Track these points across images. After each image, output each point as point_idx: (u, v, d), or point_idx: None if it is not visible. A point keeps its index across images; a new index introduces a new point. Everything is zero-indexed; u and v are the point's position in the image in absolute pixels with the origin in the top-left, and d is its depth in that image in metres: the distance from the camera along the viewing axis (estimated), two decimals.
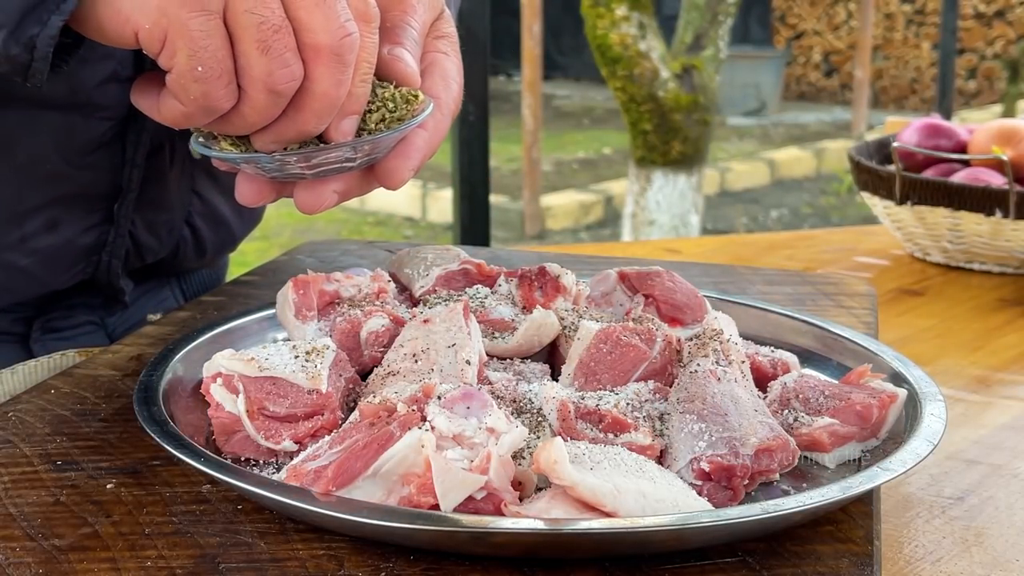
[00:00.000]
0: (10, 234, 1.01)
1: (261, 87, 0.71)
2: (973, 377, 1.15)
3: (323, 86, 0.73)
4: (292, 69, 0.71)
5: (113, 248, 1.09)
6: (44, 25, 0.70)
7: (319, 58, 0.72)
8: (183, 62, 0.70)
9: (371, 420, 0.71)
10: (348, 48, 0.72)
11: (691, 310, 0.93)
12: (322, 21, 0.71)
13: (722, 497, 0.73)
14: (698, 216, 4.94)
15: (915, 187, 1.57)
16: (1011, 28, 10.25)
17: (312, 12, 0.71)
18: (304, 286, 0.93)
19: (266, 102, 0.72)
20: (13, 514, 0.70)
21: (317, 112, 0.74)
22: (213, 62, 0.70)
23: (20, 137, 0.98)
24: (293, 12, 0.71)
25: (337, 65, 0.72)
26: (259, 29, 0.70)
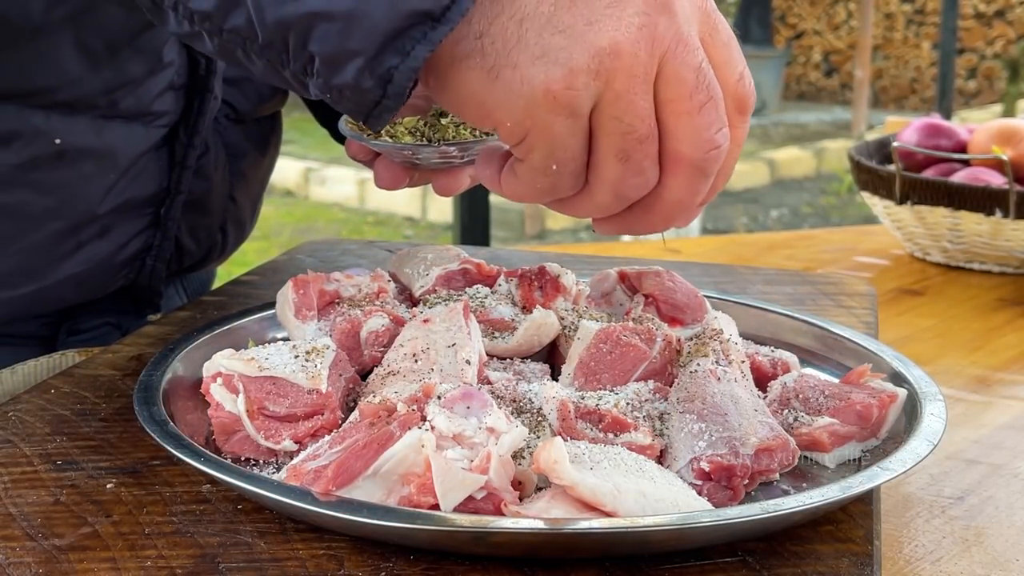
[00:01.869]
0: (67, 243, 1.02)
1: (609, 189, 0.67)
2: (973, 377, 1.15)
3: (677, 195, 0.68)
4: (647, 178, 0.67)
5: (159, 252, 1.10)
6: (407, 56, 0.61)
7: (678, 168, 0.67)
8: (539, 159, 0.66)
9: (371, 420, 0.71)
10: (713, 161, 0.67)
11: (691, 310, 0.93)
12: (690, 132, 0.65)
13: (722, 497, 0.73)
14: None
15: (915, 187, 1.57)
16: (1011, 28, 10.25)
17: (681, 120, 0.65)
18: (304, 286, 0.93)
19: (609, 201, 0.68)
20: (13, 514, 0.70)
21: (666, 216, 0.69)
22: (569, 161, 0.66)
23: (88, 147, 0.99)
24: (662, 116, 0.65)
25: (697, 177, 0.67)
26: (623, 138, 0.64)
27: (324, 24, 0.61)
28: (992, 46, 10.35)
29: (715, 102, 0.66)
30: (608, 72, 0.62)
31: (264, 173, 1.26)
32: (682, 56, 0.64)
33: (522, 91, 0.63)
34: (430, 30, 0.61)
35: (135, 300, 1.14)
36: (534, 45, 0.62)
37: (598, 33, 0.62)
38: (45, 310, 1.07)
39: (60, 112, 0.96)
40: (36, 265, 1.01)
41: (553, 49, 0.62)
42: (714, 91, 0.66)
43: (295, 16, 0.62)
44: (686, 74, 0.64)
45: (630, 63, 0.62)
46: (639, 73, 0.63)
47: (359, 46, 0.62)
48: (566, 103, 0.63)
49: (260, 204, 1.30)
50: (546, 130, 0.64)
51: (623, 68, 0.62)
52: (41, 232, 1.00)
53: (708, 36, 0.67)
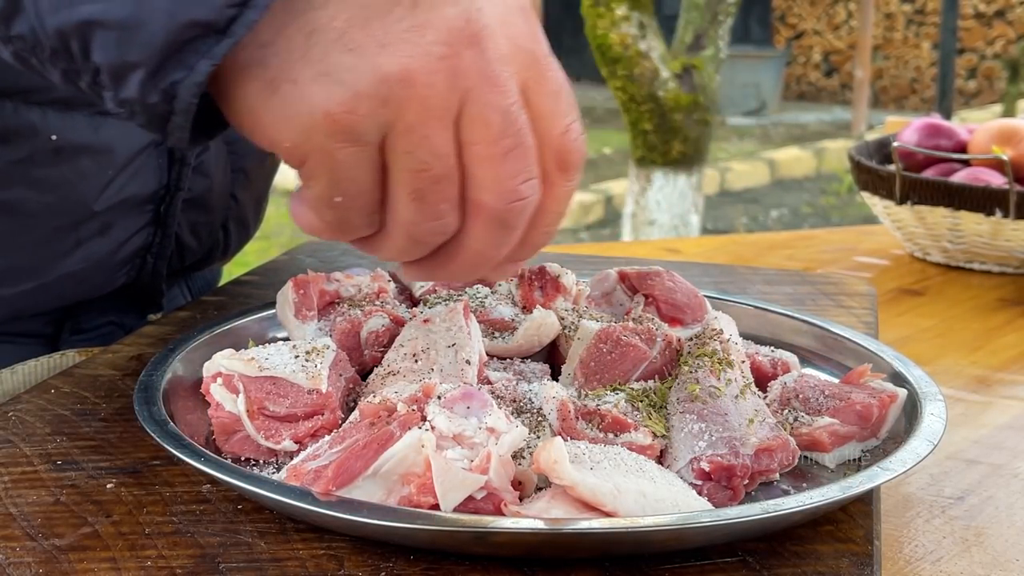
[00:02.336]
0: (67, 240, 1.02)
1: (403, 231, 0.62)
2: (973, 377, 1.15)
3: (478, 244, 0.63)
4: (445, 223, 0.62)
5: (160, 250, 1.10)
6: (190, 71, 0.57)
7: (479, 216, 0.62)
8: (322, 189, 0.61)
9: (371, 420, 0.71)
10: (516, 213, 0.62)
11: (691, 310, 0.93)
12: (492, 179, 0.60)
13: (722, 497, 0.73)
14: (698, 216, 4.94)
15: (915, 187, 1.57)
16: (1011, 28, 10.25)
17: (483, 165, 0.60)
18: (304, 286, 0.93)
19: (404, 245, 0.63)
20: (13, 514, 0.70)
21: (470, 266, 0.65)
22: (356, 194, 0.61)
23: (85, 143, 0.99)
24: (465, 159, 0.60)
25: (498, 228, 0.62)
26: (416, 175, 0.60)
27: (101, 33, 0.57)
28: (992, 46, 10.35)
29: (523, 150, 0.60)
30: (398, 101, 0.57)
31: (267, 172, 1.26)
32: (488, 96, 0.59)
33: (300, 109, 0.58)
34: (214, 43, 0.56)
35: (137, 299, 1.14)
36: (319, 61, 0.57)
37: (390, 57, 0.57)
38: (46, 308, 1.07)
39: (56, 109, 0.96)
40: (36, 262, 1.01)
41: (339, 68, 0.57)
42: (523, 138, 0.60)
43: (71, 24, 0.58)
44: (491, 116, 0.59)
45: (424, 94, 0.58)
46: (434, 107, 0.58)
47: (138, 58, 0.57)
48: (347, 128, 0.58)
49: (265, 203, 1.30)
50: (327, 157, 0.59)
51: (415, 99, 0.58)
52: (40, 229, 1.00)
53: (533, 82, 0.61)
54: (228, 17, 0.56)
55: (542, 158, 0.62)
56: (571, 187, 0.64)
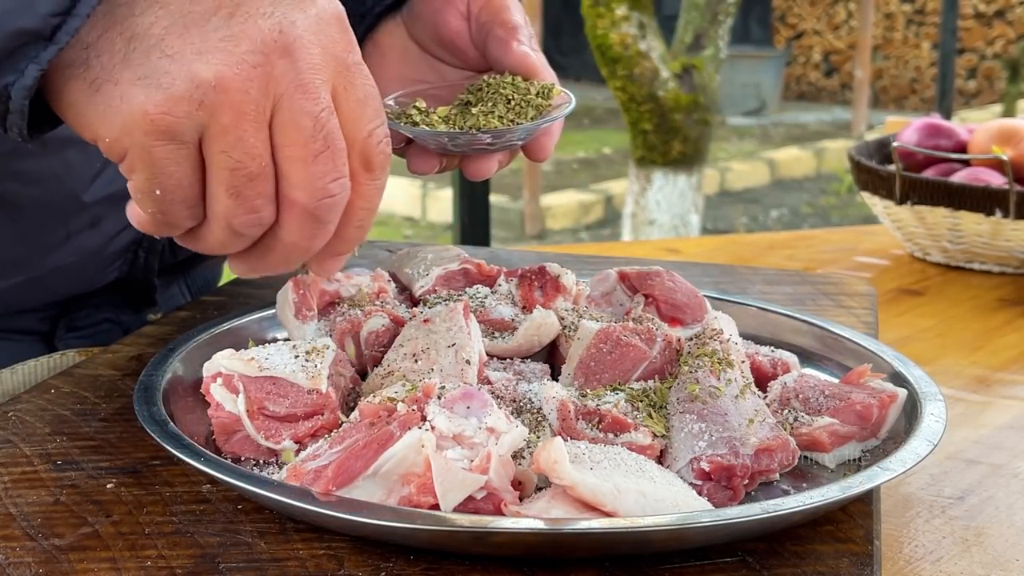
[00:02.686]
0: (56, 233, 1.02)
1: (222, 224, 0.67)
2: (973, 377, 1.15)
3: (292, 237, 0.68)
4: (260, 216, 0.67)
5: (151, 244, 1.10)
6: (21, 74, 0.61)
7: (292, 212, 0.67)
8: (142, 182, 0.65)
9: (371, 420, 0.71)
10: (327, 209, 0.67)
11: (691, 310, 0.93)
12: (304, 178, 0.65)
13: (722, 497, 0.73)
14: (698, 216, 4.94)
15: (915, 187, 1.57)
16: (1011, 28, 10.25)
17: (295, 165, 0.65)
18: (304, 286, 0.93)
19: (224, 237, 0.68)
20: (13, 514, 0.70)
21: (284, 257, 0.70)
22: (176, 189, 0.65)
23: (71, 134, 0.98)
24: (278, 160, 0.65)
25: (311, 222, 0.67)
26: (232, 174, 0.64)
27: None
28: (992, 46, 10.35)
29: (332, 152, 0.65)
30: (212, 105, 0.62)
31: None
32: (300, 102, 0.64)
33: (120, 108, 0.62)
34: (41, 50, 0.61)
35: (132, 295, 1.14)
36: (139, 65, 0.62)
37: (205, 64, 0.62)
38: (38, 302, 1.07)
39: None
40: (26, 256, 1.01)
41: (157, 72, 0.62)
42: (332, 141, 0.65)
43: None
44: (303, 121, 0.64)
45: (238, 99, 0.62)
46: (248, 111, 0.63)
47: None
48: (164, 128, 0.62)
49: None
50: (145, 153, 0.63)
51: (229, 103, 0.62)
52: (28, 222, 1.00)
53: (342, 88, 0.66)
54: (52, 25, 0.60)
55: (350, 159, 0.67)
56: (377, 185, 0.69)
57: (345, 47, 0.67)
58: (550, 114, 0.89)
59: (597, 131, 9.11)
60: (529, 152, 0.91)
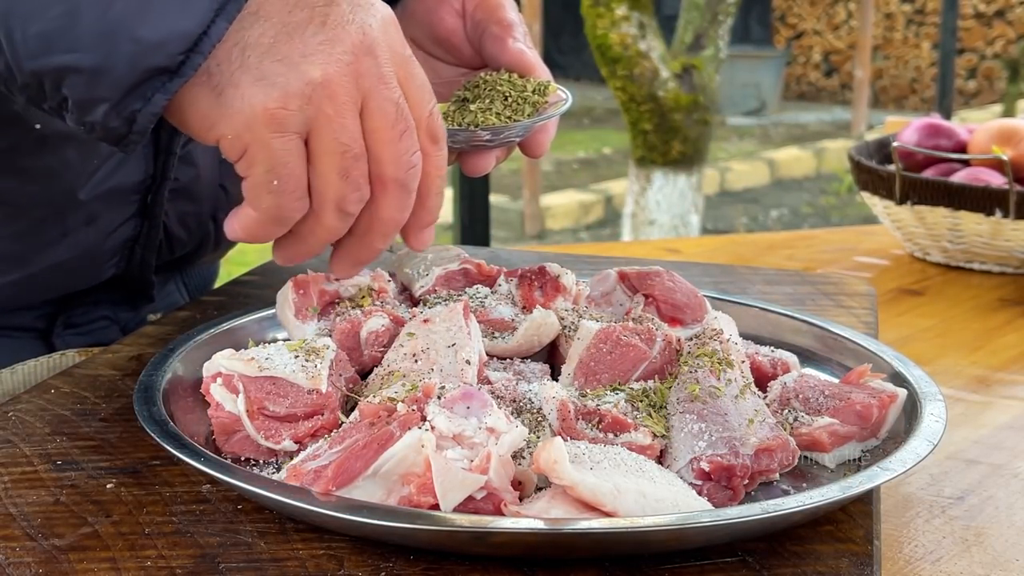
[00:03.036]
0: (53, 229, 1.03)
1: (332, 207, 0.75)
2: (973, 377, 1.15)
3: (388, 212, 0.77)
4: (363, 193, 0.76)
5: (147, 241, 1.10)
6: (147, 102, 0.71)
7: (385, 188, 0.76)
8: (260, 174, 0.73)
9: (371, 420, 0.71)
10: (413, 178, 0.77)
11: (691, 310, 0.93)
12: (392, 155, 0.75)
13: (722, 497, 0.73)
14: (698, 216, 4.94)
15: (915, 187, 1.57)
16: (1011, 28, 10.25)
17: (385, 146, 0.75)
18: (304, 286, 0.93)
19: (334, 220, 0.76)
20: (13, 514, 0.70)
21: (383, 233, 0.79)
22: (289, 178, 0.73)
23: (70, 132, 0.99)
24: (369, 143, 0.75)
25: (402, 193, 0.77)
26: (341, 157, 0.73)
27: (73, 76, 0.70)
28: (992, 46, 10.35)
29: (411, 131, 0.76)
30: (319, 99, 0.72)
31: None
32: (384, 92, 0.74)
33: (242, 107, 0.71)
34: (168, 81, 0.70)
35: (129, 292, 1.14)
36: (255, 69, 0.71)
37: (311, 64, 0.72)
38: (35, 299, 1.07)
39: None
40: (22, 252, 1.02)
41: (272, 74, 0.71)
42: (410, 122, 0.76)
43: (48, 68, 0.70)
44: (387, 107, 0.74)
45: (338, 92, 0.72)
46: (346, 101, 0.73)
47: (105, 95, 0.70)
48: (281, 120, 0.71)
49: None
50: (264, 145, 0.72)
51: (332, 96, 0.72)
52: (26, 219, 1.01)
53: (405, 78, 0.76)
54: (179, 62, 0.70)
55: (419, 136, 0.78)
56: (443, 155, 0.80)
57: (403, 43, 0.77)
58: (547, 111, 0.91)
59: (597, 131, 9.10)
60: (526, 148, 0.94)
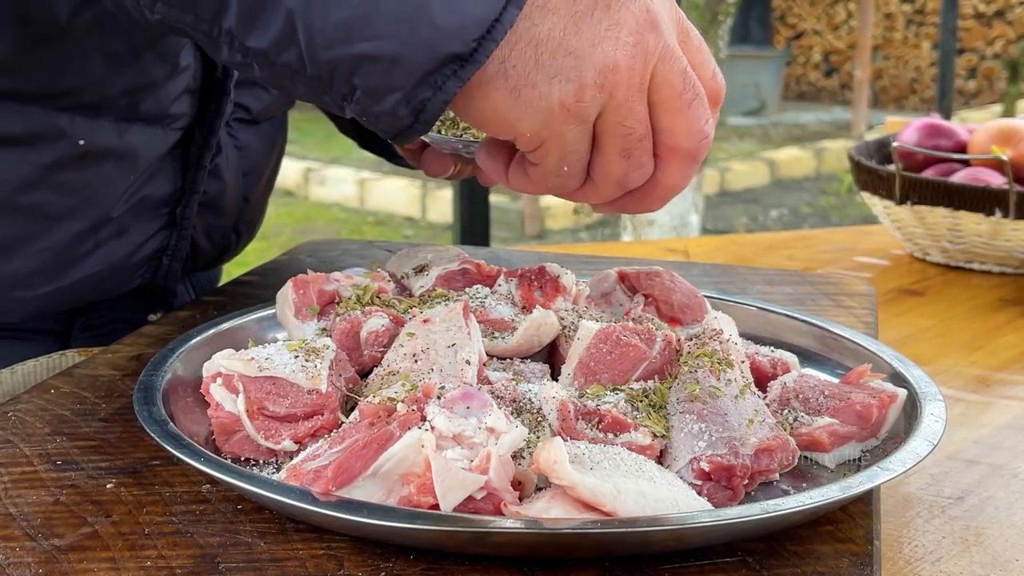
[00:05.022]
0: (86, 243, 1.03)
1: (613, 183, 0.76)
2: (973, 377, 1.15)
3: (673, 180, 0.77)
4: (645, 170, 0.76)
5: (175, 252, 1.12)
6: (438, 90, 0.70)
7: (674, 158, 0.76)
8: (552, 163, 0.74)
9: (371, 420, 0.71)
10: (704, 148, 0.76)
11: (691, 310, 0.93)
12: (685, 126, 0.74)
13: (722, 497, 0.73)
14: (698, 216, 4.94)
15: (915, 187, 1.57)
16: (1011, 28, 10.25)
17: (676, 118, 0.74)
18: (304, 286, 0.93)
19: (612, 192, 0.77)
20: (13, 514, 0.70)
21: (662, 198, 0.79)
22: (578, 163, 0.74)
23: (111, 148, 1.01)
24: (657, 115, 0.74)
25: (690, 163, 0.77)
26: (626, 139, 0.73)
27: (370, 64, 0.69)
28: (992, 46, 10.35)
29: (700, 99, 0.75)
30: (611, 85, 0.71)
31: (272, 173, 1.28)
32: (670, 64, 0.73)
33: (541, 106, 0.71)
34: (460, 68, 0.69)
35: (149, 298, 1.16)
36: (549, 66, 0.70)
37: (601, 53, 0.70)
38: (63, 309, 1.08)
39: (84, 114, 0.98)
40: (55, 265, 1.03)
41: (565, 69, 0.70)
42: (699, 90, 0.74)
43: (344, 57, 0.69)
44: (674, 79, 0.73)
45: (628, 76, 0.71)
46: (636, 83, 0.71)
47: (399, 83, 0.69)
48: (578, 114, 0.71)
49: (267, 203, 1.31)
50: (560, 138, 0.72)
51: (623, 80, 0.71)
52: (61, 233, 1.01)
53: (684, 43, 0.75)
54: (472, 48, 0.69)
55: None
56: (716, 119, 0.78)
57: (677, 10, 0.76)
58: None
59: None
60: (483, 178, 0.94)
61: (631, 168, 0.75)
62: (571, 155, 0.73)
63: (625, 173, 0.75)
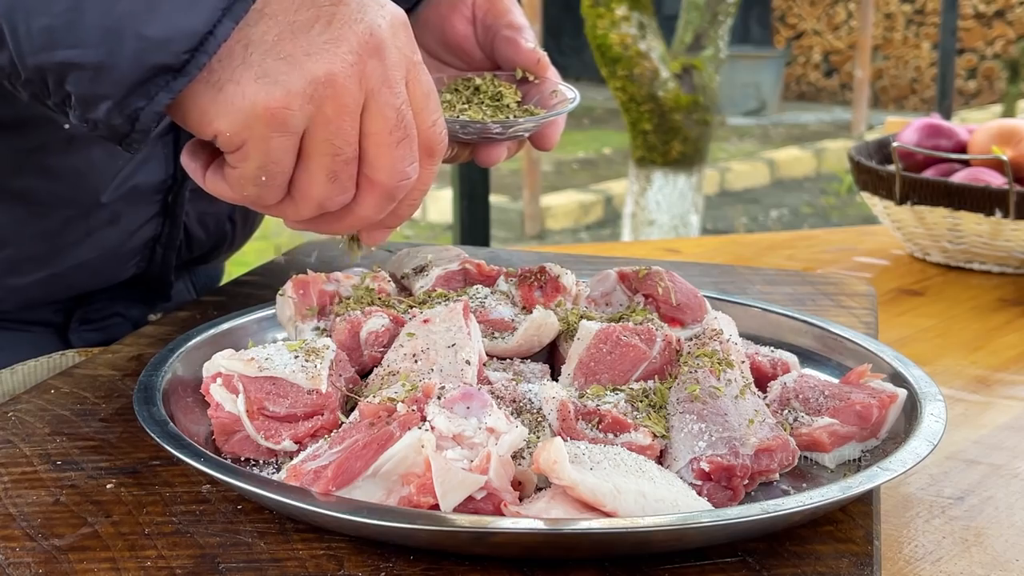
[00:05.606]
0: (77, 229, 1.03)
1: (314, 203, 0.75)
2: (973, 377, 1.15)
3: (366, 212, 0.77)
4: (347, 195, 0.75)
5: (169, 240, 1.12)
6: (151, 100, 0.69)
7: (372, 191, 0.75)
8: (251, 169, 0.72)
9: (371, 420, 0.71)
10: (402, 189, 0.76)
11: (691, 310, 0.93)
12: (388, 162, 0.74)
13: (722, 497, 0.73)
14: (698, 216, 4.94)
15: (915, 187, 1.57)
16: (1011, 28, 10.25)
17: (381, 151, 0.73)
18: (304, 286, 0.93)
19: (311, 213, 0.76)
20: (13, 514, 0.70)
21: (351, 226, 0.78)
22: (279, 175, 0.73)
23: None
24: (365, 146, 0.73)
25: (386, 200, 0.76)
26: (332, 159, 0.72)
27: (76, 72, 0.68)
28: (992, 46, 10.35)
29: (410, 140, 0.74)
30: (321, 98, 0.70)
31: None
32: (386, 96, 0.72)
33: (243, 105, 0.69)
34: (172, 80, 0.68)
35: (147, 290, 1.16)
36: (257, 67, 0.69)
37: (316, 63, 0.70)
38: (58, 297, 1.09)
39: None
40: (47, 252, 1.03)
41: (274, 72, 0.69)
42: (410, 130, 0.74)
43: (50, 63, 0.69)
44: (389, 112, 0.73)
45: (341, 93, 0.70)
46: (349, 103, 0.71)
47: (108, 92, 0.69)
48: (282, 120, 0.70)
49: None
50: (262, 143, 0.71)
51: (334, 96, 0.70)
52: (51, 219, 1.01)
53: (411, 83, 0.75)
54: (184, 60, 0.68)
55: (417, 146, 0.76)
56: (434, 170, 0.78)
57: (412, 47, 0.75)
58: (556, 108, 0.95)
59: (597, 131, 9.10)
60: (536, 142, 0.96)
61: (334, 191, 0.74)
62: (272, 165, 0.72)
63: (327, 196, 0.74)
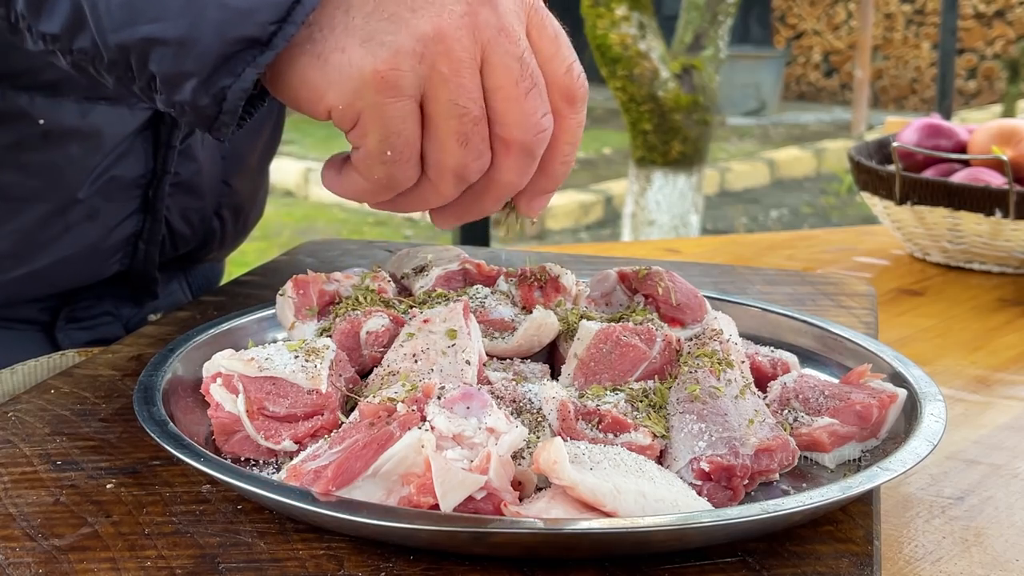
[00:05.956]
0: (55, 225, 1.03)
1: (451, 176, 0.71)
2: (973, 377, 1.15)
3: (508, 176, 0.72)
4: (484, 161, 0.71)
5: (150, 236, 1.10)
6: (238, 77, 0.66)
7: (508, 151, 0.71)
8: (373, 145, 0.69)
9: (371, 420, 0.71)
10: (540, 143, 0.71)
11: (691, 310, 0.93)
12: (518, 116, 0.70)
13: (722, 497, 0.73)
14: (698, 216, 4.94)
15: (915, 187, 1.57)
16: (1011, 28, 10.25)
17: (510, 105, 0.69)
18: (304, 286, 0.93)
19: (451, 188, 0.72)
20: (13, 514, 0.70)
21: (498, 198, 0.75)
22: (404, 147, 0.69)
23: (73, 128, 1.00)
24: (491, 102, 0.69)
25: (525, 159, 0.72)
26: (460, 120, 0.68)
27: (160, 48, 0.66)
28: (992, 46, 10.35)
29: (539, 89, 0.70)
30: (433, 55, 0.66)
31: (260, 158, 1.25)
32: (505, 46, 0.68)
33: (351, 72, 0.66)
34: (259, 54, 0.65)
35: (133, 288, 1.15)
36: (361, 30, 0.66)
37: (421, 19, 0.66)
38: (40, 294, 1.08)
39: (44, 93, 0.97)
40: (25, 248, 1.02)
41: (379, 33, 0.66)
42: (537, 79, 0.70)
43: (132, 40, 0.66)
44: (510, 63, 0.68)
45: (453, 47, 0.66)
46: (463, 57, 0.67)
47: (193, 68, 0.66)
48: (393, 82, 0.66)
49: (262, 193, 1.29)
50: (378, 112, 0.67)
51: (446, 52, 0.66)
52: (29, 214, 1.01)
53: (535, 31, 0.71)
54: (270, 32, 0.64)
55: (551, 94, 0.71)
56: (579, 119, 0.73)
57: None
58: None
59: (597, 131, 9.10)
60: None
61: (469, 157, 0.69)
62: (394, 137, 0.68)
63: (464, 163, 0.70)
